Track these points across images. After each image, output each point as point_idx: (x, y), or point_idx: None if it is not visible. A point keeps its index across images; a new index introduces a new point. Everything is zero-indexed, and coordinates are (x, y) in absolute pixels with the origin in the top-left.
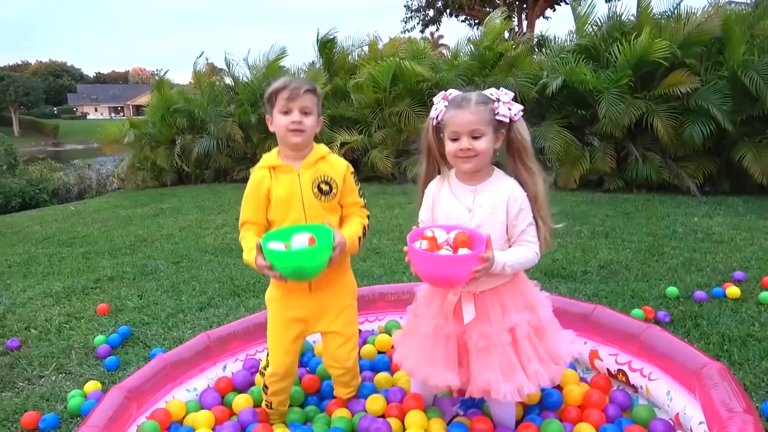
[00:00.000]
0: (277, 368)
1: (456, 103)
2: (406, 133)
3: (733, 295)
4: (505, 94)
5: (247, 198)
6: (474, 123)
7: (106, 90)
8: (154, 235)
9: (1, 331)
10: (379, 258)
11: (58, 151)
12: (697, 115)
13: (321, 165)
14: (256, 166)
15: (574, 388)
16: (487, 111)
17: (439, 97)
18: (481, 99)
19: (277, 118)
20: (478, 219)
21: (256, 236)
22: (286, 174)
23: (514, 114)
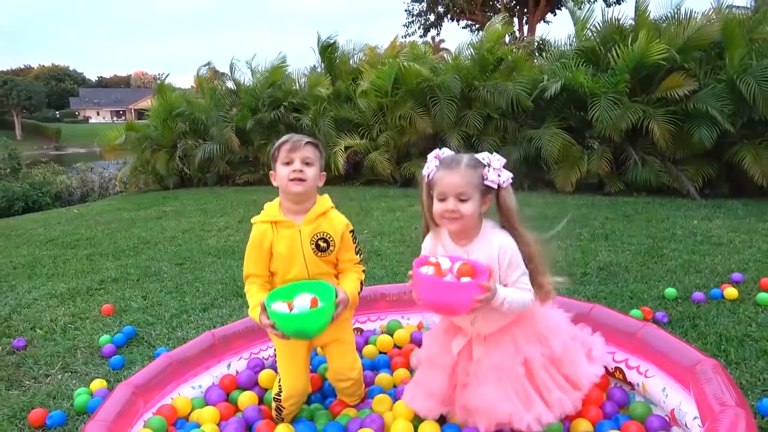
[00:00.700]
0: (291, 392)
1: (446, 164)
2: (408, 136)
3: (731, 296)
4: (497, 160)
5: (249, 251)
6: (461, 186)
7: (108, 94)
8: (157, 238)
9: (8, 331)
10: (381, 260)
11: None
12: (698, 118)
13: (321, 221)
14: (258, 219)
15: None
16: (476, 175)
17: (432, 155)
18: (471, 162)
19: (279, 170)
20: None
21: (260, 290)
22: (287, 230)
23: (503, 181)
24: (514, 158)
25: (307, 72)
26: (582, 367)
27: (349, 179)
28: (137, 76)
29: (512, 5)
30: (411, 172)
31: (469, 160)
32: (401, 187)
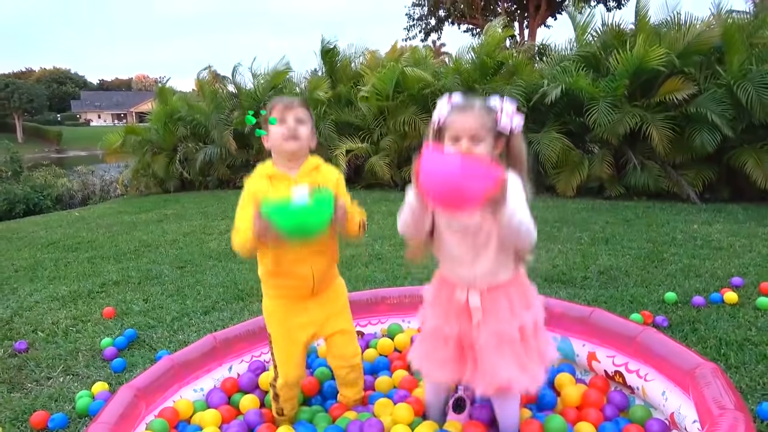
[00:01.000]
0: (288, 378)
1: (459, 107)
2: (410, 140)
3: (731, 300)
4: (509, 104)
5: (243, 207)
6: (475, 127)
7: (109, 97)
8: (158, 241)
9: (9, 334)
10: (381, 263)
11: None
12: (698, 123)
13: (315, 175)
14: (252, 175)
15: (571, 389)
16: (490, 118)
17: (443, 99)
18: (484, 106)
19: (273, 130)
20: (477, 215)
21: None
22: (282, 182)
23: (515, 125)
24: None
25: (309, 75)
26: (550, 343)
27: (349, 183)
28: (138, 79)
29: (513, 10)
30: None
31: (482, 104)
32: (402, 190)
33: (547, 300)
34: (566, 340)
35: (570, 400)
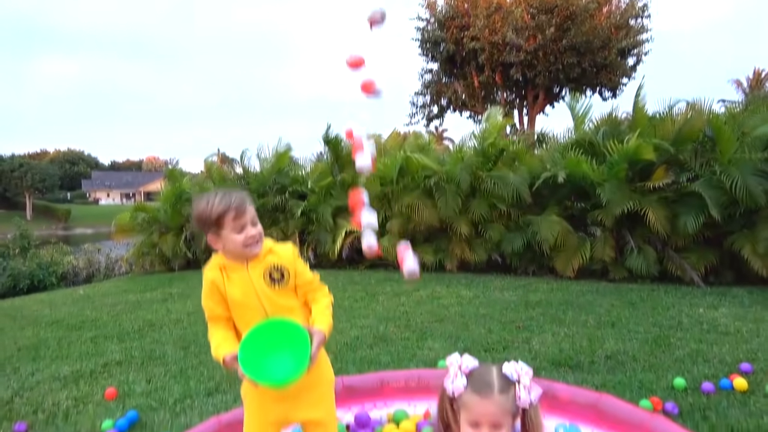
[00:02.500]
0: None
1: (477, 388)
2: (413, 223)
3: (741, 387)
4: (525, 374)
5: (205, 299)
6: (497, 415)
7: (119, 177)
8: (162, 320)
9: (9, 414)
10: (386, 345)
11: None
12: (691, 206)
13: (268, 257)
14: (207, 267)
15: None
16: (510, 400)
17: (455, 366)
18: (503, 385)
19: (232, 238)
20: None
21: (226, 333)
22: (236, 272)
23: (534, 399)
24: (518, 245)
25: (314, 159)
26: None
27: (353, 263)
28: (149, 161)
29: (512, 99)
30: (418, 257)
31: (500, 383)
32: None
33: (555, 384)
34: (574, 427)
35: None
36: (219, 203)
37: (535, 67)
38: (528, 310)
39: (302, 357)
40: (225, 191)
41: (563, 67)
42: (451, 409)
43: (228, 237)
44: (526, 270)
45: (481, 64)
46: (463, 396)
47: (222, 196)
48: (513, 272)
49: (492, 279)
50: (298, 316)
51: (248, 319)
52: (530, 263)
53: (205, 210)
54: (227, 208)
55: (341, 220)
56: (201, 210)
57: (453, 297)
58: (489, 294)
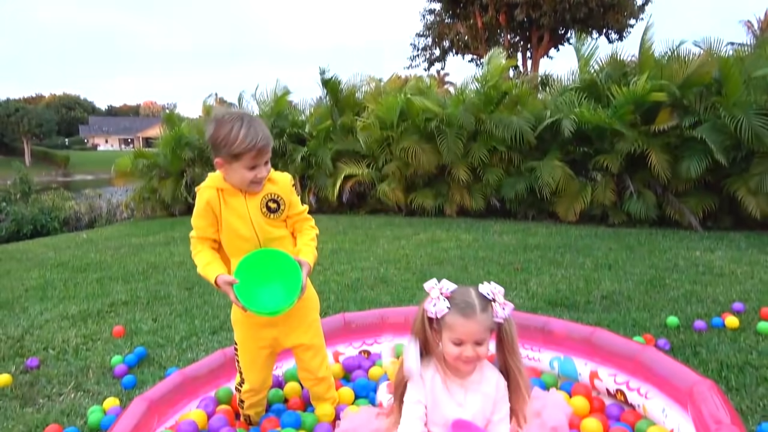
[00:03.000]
0: (253, 385)
1: (461, 309)
2: (413, 167)
3: (732, 325)
4: (499, 293)
5: (197, 217)
6: (480, 332)
7: (117, 122)
8: (166, 262)
9: (21, 351)
10: (387, 286)
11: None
12: (694, 150)
13: (267, 186)
14: (203, 185)
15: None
16: (489, 317)
17: (436, 290)
18: (483, 305)
19: (241, 173)
20: (469, 413)
21: (213, 254)
22: (233, 197)
23: (507, 313)
24: (519, 189)
25: (314, 103)
26: None
27: (353, 208)
28: (146, 105)
29: (516, 41)
30: (418, 203)
31: (480, 303)
32: (406, 216)
33: (550, 320)
34: (569, 360)
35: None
36: (244, 139)
37: (541, 7)
38: (526, 253)
39: (294, 287)
40: (251, 122)
41: (569, 7)
42: (431, 328)
43: (237, 170)
44: (526, 215)
45: (485, 3)
46: (446, 318)
47: (248, 131)
48: (513, 217)
49: (491, 224)
50: (287, 246)
51: (239, 245)
52: (530, 208)
53: (227, 138)
54: (252, 147)
55: (341, 165)
56: (222, 136)
57: (453, 241)
58: (488, 238)
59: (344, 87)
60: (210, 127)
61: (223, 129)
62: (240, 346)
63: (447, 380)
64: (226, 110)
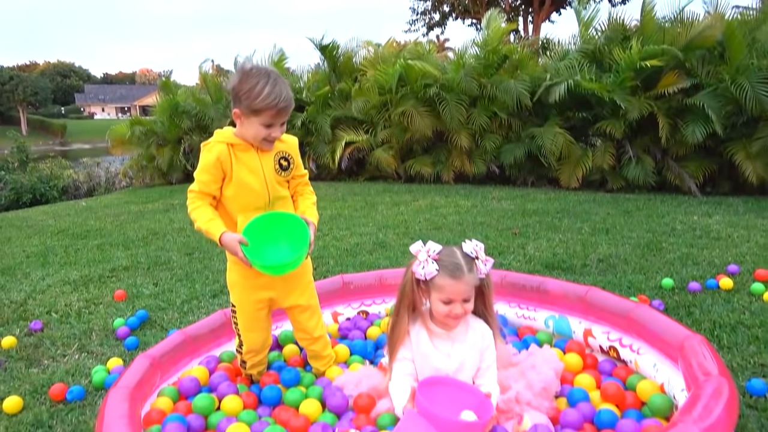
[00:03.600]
0: (252, 345)
1: (450, 271)
2: (411, 133)
3: (727, 286)
4: (480, 250)
5: (203, 171)
6: (468, 291)
7: (113, 90)
8: (165, 229)
9: (24, 315)
10: (385, 251)
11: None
12: (693, 115)
13: (278, 145)
14: (213, 140)
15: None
16: (474, 275)
17: (423, 253)
18: (469, 265)
19: (257, 128)
20: (456, 362)
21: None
22: (245, 153)
23: (488, 268)
24: (518, 155)
25: (311, 69)
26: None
27: (352, 175)
28: (142, 73)
29: (517, 5)
30: (416, 169)
31: (466, 263)
32: (405, 182)
33: (546, 280)
34: (563, 318)
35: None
36: (268, 96)
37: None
38: (525, 218)
39: (302, 244)
40: (276, 80)
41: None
42: (418, 289)
43: (253, 125)
44: (525, 181)
45: None
46: (435, 279)
47: (273, 89)
48: (512, 183)
49: (490, 190)
50: (289, 206)
51: (248, 201)
52: (529, 174)
53: (250, 92)
54: (274, 106)
55: (340, 131)
56: (246, 89)
57: (451, 207)
58: (487, 204)
59: (341, 52)
60: (235, 78)
61: (249, 82)
62: (238, 308)
63: (433, 335)
64: (254, 63)
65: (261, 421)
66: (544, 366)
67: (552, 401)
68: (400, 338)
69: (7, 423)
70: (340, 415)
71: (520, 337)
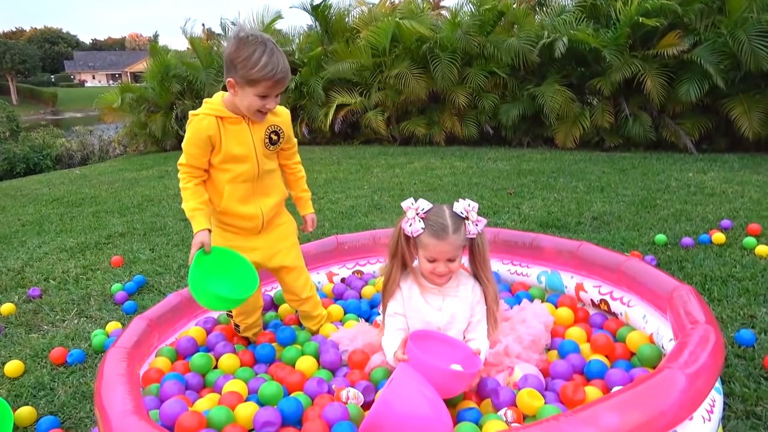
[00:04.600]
0: (242, 308)
1: (434, 231)
2: (405, 95)
3: (719, 241)
4: (473, 210)
5: (189, 144)
6: (452, 251)
7: (103, 57)
8: (160, 195)
9: (22, 282)
10: (381, 213)
11: (57, 119)
12: (691, 72)
13: (270, 117)
14: (199, 111)
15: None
16: (461, 236)
17: (412, 210)
18: (456, 225)
19: (250, 99)
20: (447, 315)
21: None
22: (235, 125)
23: (480, 229)
24: (514, 115)
25: (304, 30)
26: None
27: (347, 139)
28: (132, 38)
29: None
30: (410, 131)
31: (453, 223)
32: (401, 145)
33: (539, 236)
34: (556, 273)
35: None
36: (264, 66)
37: None
38: (520, 178)
39: (242, 293)
40: (273, 50)
41: None
42: (407, 245)
43: (248, 96)
44: (521, 141)
45: None
46: (421, 237)
47: (270, 59)
48: (507, 144)
49: (486, 151)
50: (276, 179)
51: (236, 173)
52: (525, 135)
53: (246, 61)
54: (270, 77)
55: (333, 94)
56: (242, 57)
57: (446, 168)
58: (482, 164)
59: (333, 12)
60: (230, 45)
61: (245, 50)
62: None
63: (424, 290)
64: (251, 30)
65: (257, 377)
66: (533, 320)
67: (542, 354)
68: (392, 293)
69: (9, 386)
70: (335, 371)
71: (512, 293)
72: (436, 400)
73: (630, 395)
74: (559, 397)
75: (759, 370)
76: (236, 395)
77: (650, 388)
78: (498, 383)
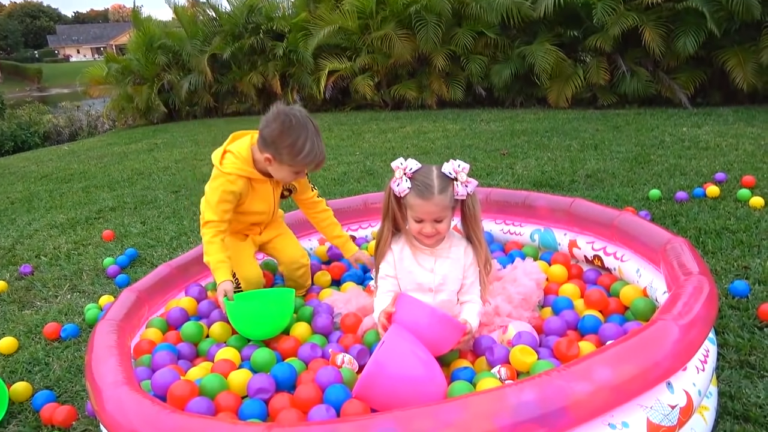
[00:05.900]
0: (249, 279)
1: (420, 191)
2: (394, 58)
3: (713, 194)
4: (462, 171)
5: (221, 202)
6: (438, 212)
7: (86, 30)
8: (150, 168)
9: (13, 260)
10: (373, 178)
11: (43, 95)
12: (688, 24)
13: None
14: (231, 171)
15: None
16: (448, 197)
17: (400, 170)
18: (442, 185)
19: (285, 173)
20: (440, 277)
21: (223, 245)
22: (262, 184)
23: (470, 191)
24: (505, 75)
25: None
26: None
27: (338, 105)
28: (114, 9)
29: None
30: (401, 94)
31: (440, 183)
32: (392, 110)
33: (531, 194)
34: (549, 231)
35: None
36: (308, 154)
37: None
38: (513, 138)
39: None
40: (315, 136)
41: None
42: (398, 205)
43: (283, 170)
44: (514, 102)
45: None
46: (407, 197)
47: (312, 146)
48: (500, 105)
49: (479, 113)
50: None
51: (253, 219)
52: (518, 95)
53: (291, 148)
54: (310, 162)
55: (322, 60)
56: (287, 143)
57: (439, 131)
58: (475, 126)
59: None
60: (274, 125)
61: (289, 137)
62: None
63: (417, 251)
64: (291, 110)
65: (250, 345)
66: (524, 278)
67: (534, 311)
68: (383, 255)
69: (4, 362)
70: (328, 336)
71: (506, 252)
72: (429, 360)
73: (623, 348)
74: (553, 353)
75: (753, 321)
76: (229, 363)
77: (643, 340)
78: (493, 340)
